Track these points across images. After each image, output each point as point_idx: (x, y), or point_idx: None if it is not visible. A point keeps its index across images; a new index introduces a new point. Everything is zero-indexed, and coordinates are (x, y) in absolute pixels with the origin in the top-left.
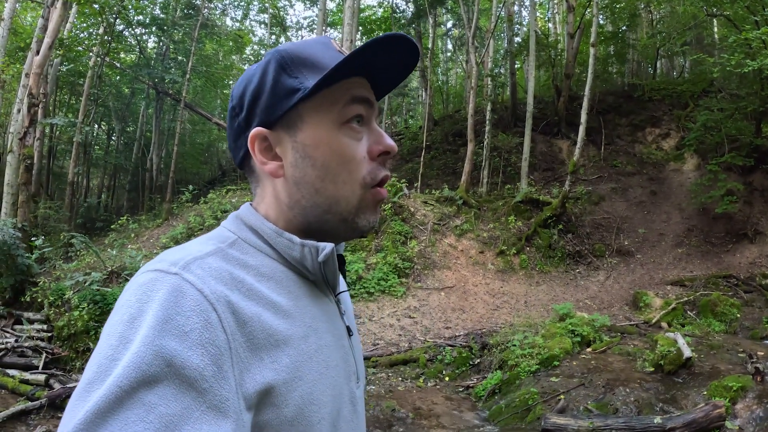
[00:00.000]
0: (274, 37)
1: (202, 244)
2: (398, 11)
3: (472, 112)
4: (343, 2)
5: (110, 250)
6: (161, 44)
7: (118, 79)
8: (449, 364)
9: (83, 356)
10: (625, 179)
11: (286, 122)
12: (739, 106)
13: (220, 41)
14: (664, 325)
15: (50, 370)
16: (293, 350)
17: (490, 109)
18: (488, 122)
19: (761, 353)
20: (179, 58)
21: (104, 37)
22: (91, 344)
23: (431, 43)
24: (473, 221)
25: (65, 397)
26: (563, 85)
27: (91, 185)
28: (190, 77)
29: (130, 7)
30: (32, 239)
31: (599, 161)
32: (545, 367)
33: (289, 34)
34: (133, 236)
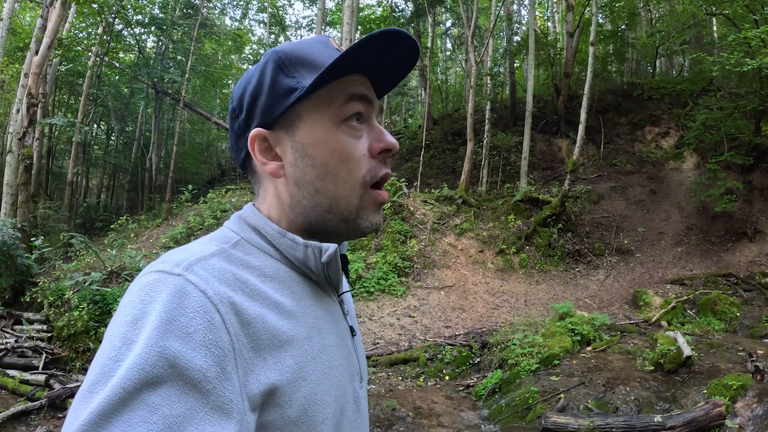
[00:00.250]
0: (273, 36)
1: (205, 244)
2: (397, 10)
3: (471, 111)
4: (342, 1)
5: (110, 250)
6: (160, 44)
7: (117, 78)
8: (449, 363)
9: (83, 356)
10: (624, 178)
11: (284, 122)
12: (738, 104)
13: (219, 41)
14: (663, 323)
15: (50, 370)
16: (297, 350)
17: (489, 108)
18: (488, 121)
19: (761, 352)
20: (178, 57)
21: (103, 36)
22: (91, 344)
23: (430, 42)
24: (473, 220)
25: (65, 397)
26: (562, 84)
27: (90, 185)
28: (189, 77)
29: (129, 6)
30: (32, 239)
31: (599, 160)
32: (545, 366)
33: (288, 33)
34: (132, 236)
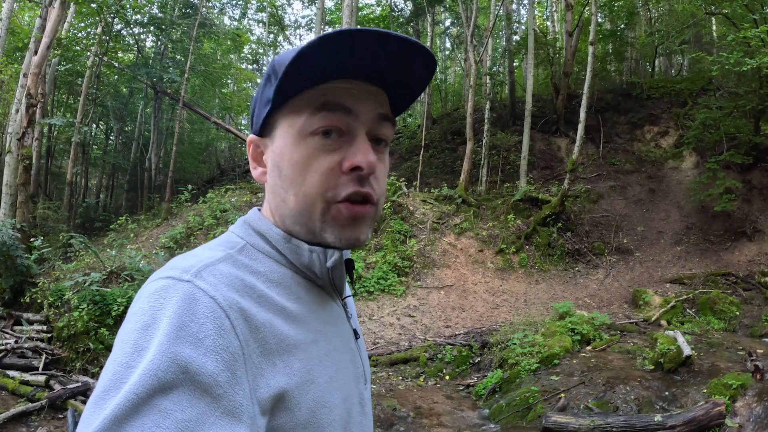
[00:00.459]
0: (272, 36)
1: (211, 250)
2: (396, 9)
3: (470, 110)
4: (341, 1)
5: (109, 250)
6: (159, 43)
7: (116, 78)
8: (449, 362)
9: (83, 357)
10: (623, 177)
11: (268, 130)
12: (737, 104)
13: (218, 40)
14: (663, 323)
15: (50, 371)
16: (304, 355)
17: (488, 107)
18: (487, 121)
19: (761, 351)
20: (177, 57)
21: (102, 36)
22: (91, 345)
23: (430, 41)
24: (472, 220)
25: (66, 398)
26: (562, 83)
27: (89, 185)
28: (188, 76)
29: (128, 6)
30: (31, 240)
31: (598, 159)
32: (545, 365)
33: (287, 33)
34: (132, 236)
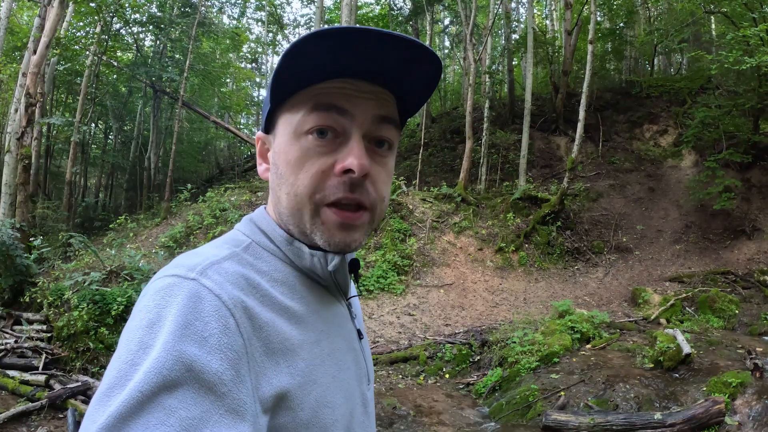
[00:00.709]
0: (271, 35)
1: (217, 248)
2: (395, 8)
3: (470, 109)
4: None
5: (109, 249)
6: (158, 42)
7: (115, 77)
8: (449, 361)
9: (83, 356)
10: (623, 176)
11: (271, 128)
12: (736, 102)
13: (217, 39)
14: (662, 321)
15: (50, 370)
16: (307, 354)
17: (488, 106)
18: (486, 119)
19: (760, 349)
20: (176, 56)
21: (101, 35)
22: (91, 344)
23: (429, 40)
24: (472, 218)
25: (66, 397)
26: (561, 82)
27: (88, 184)
28: (187, 75)
29: (127, 5)
30: (31, 239)
31: (597, 158)
32: (545, 363)
33: (286, 32)
34: (131, 235)
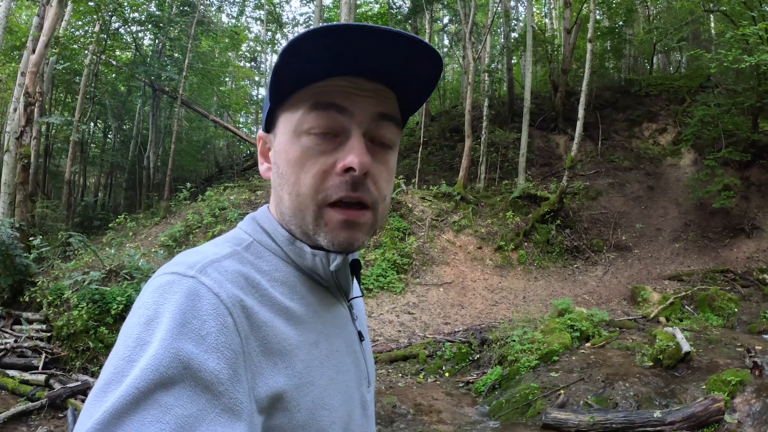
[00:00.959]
0: (269, 33)
1: (218, 246)
2: (394, 7)
3: (469, 107)
4: None
5: (108, 248)
6: (157, 41)
7: (114, 76)
8: (449, 359)
9: (83, 355)
10: (622, 174)
11: (272, 127)
12: (736, 101)
13: (216, 38)
14: (662, 319)
15: (50, 370)
16: (305, 355)
17: (487, 104)
18: (485, 118)
19: (759, 347)
20: (175, 55)
21: (100, 34)
22: (90, 343)
23: (428, 38)
24: (471, 217)
25: (66, 397)
26: (560, 80)
27: (88, 184)
28: (186, 74)
29: (125, 4)
30: (30, 239)
31: (596, 156)
32: (545, 362)
33: (285, 30)
34: (131, 234)
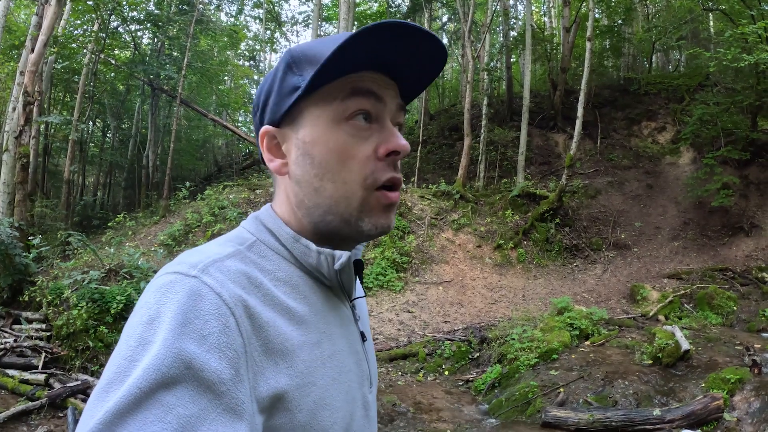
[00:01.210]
0: (268, 32)
1: (221, 245)
2: (393, 6)
3: (468, 106)
4: None
5: (108, 248)
6: (156, 40)
7: (113, 75)
8: (448, 358)
9: (83, 355)
10: (621, 173)
11: (290, 120)
12: (734, 100)
13: (215, 37)
14: (661, 318)
15: (50, 369)
16: (307, 356)
17: (486, 103)
18: (484, 116)
19: (758, 345)
20: (174, 54)
21: (99, 33)
22: (90, 343)
23: None
24: (470, 215)
25: (65, 396)
26: (559, 79)
27: (87, 183)
28: (185, 73)
29: (124, 3)
30: (29, 238)
31: (595, 155)
32: (544, 360)
33: (284, 29)
34: (130, 234)
